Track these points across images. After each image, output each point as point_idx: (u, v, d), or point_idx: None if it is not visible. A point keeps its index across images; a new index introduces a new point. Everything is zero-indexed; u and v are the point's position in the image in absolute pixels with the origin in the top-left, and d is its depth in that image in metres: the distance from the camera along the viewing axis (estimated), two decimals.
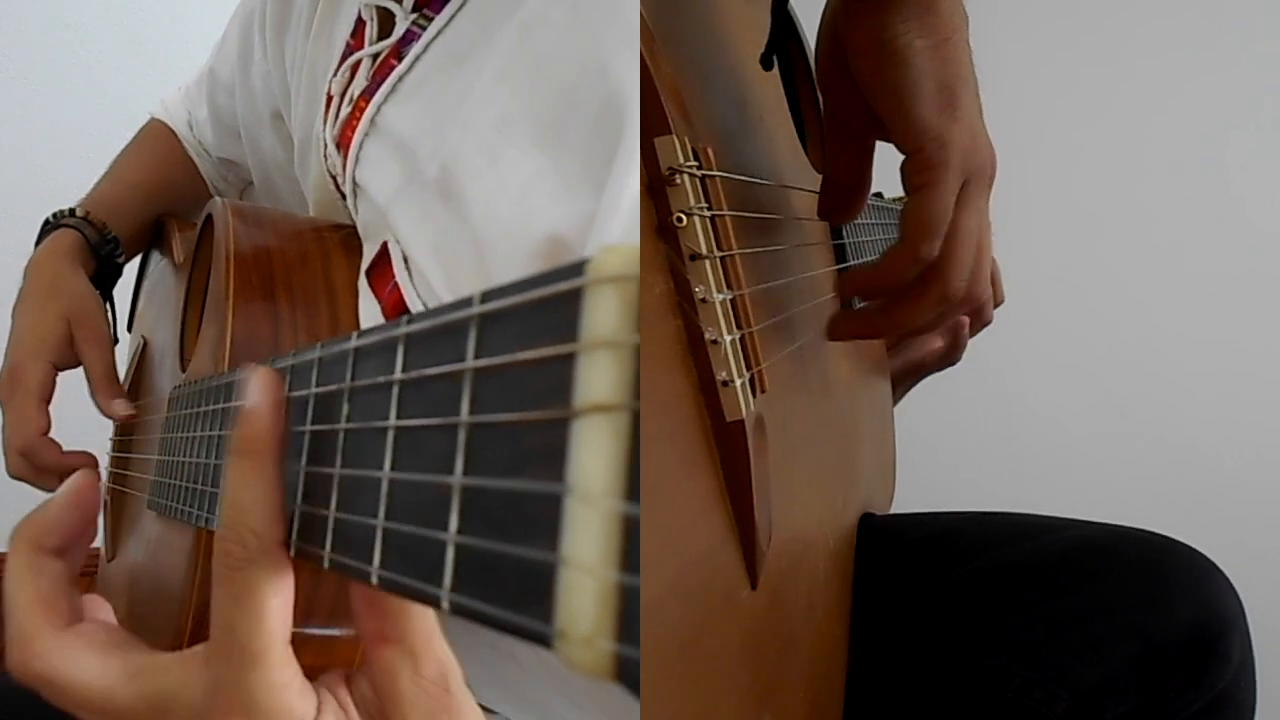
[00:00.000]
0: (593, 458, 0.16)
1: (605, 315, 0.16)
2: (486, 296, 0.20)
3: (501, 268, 0.46)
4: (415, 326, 0.23)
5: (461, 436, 0.20)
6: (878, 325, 0.47)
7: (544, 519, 0.16)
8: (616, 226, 0.38)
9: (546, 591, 0.16)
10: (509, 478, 0.18)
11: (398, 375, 0.23)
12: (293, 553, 0.28)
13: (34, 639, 0.31)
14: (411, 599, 0.21)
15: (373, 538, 0.23)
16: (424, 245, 0.51)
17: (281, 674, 0.28)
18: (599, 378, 0.16)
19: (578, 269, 0.17)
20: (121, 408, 0.69)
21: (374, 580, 0.23)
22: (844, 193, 0.48)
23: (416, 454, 0.22)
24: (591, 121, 0.42)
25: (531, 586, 0.17)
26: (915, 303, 0.44)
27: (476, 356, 0.20)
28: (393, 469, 0.23)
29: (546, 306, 0.18)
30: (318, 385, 0.28)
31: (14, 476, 0.69)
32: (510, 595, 0.17)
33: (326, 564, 0.26)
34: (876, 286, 0.46)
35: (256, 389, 0.29)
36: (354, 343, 0.26)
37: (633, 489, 0.15)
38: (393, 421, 0.23)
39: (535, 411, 0.17)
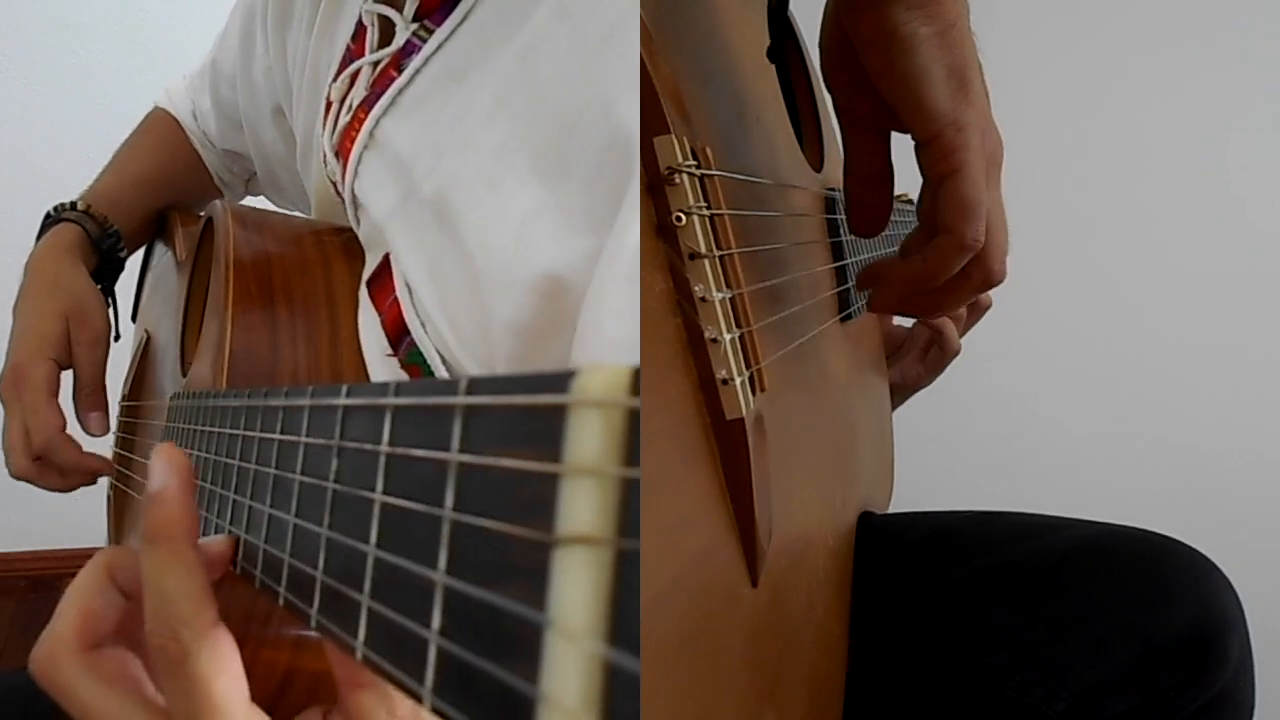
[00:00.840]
0: (574, 592, 0.15)
1: (589, 441, 0.15)
2: (472, 387, 0.19)
3: (499, 300, 0.46)
4: (402, 400, 0.22)
5: (445, 530, 0.19)
6: (918, 304, 0.46)
7: (525, 645, 0.16)
8: (621, 269, 0.38)
9: None
10: (491, 588, 0.17)
11: (384, 447, 0.22)
12: (281, 602, 0.28)
13: (60, 646, 0.32)
14: (396, 687, 0.21)
15: (358, 612, 0.22)
16: (420, 267, 0.50)
17: None
18: (583, 507, 0.15)
19: (562, 382, 0.16)
20: (96, 424, 0.70)
21: (358, 655, 0.22)
22: (868, 184, 0.47)
23: (401, 536, 0.21)
24: (595, 158, 0.41)
25: (510, 715, 0.16)
26: (959, 287, 0.44)
27: (461, 449, 0.19)
28: (378, 545, 0.22)
29: (530, 415, 0.17)
30: (309, 434, 0.28)
31: (16, 476, 0.68)
32: (488, 716, 0.17)
33: (314, 624, 0.25)
34: (921, 280, 0.44)
35: (162, 469, 0.29)
36: (342, 400, 0.26)
37: (616, 632, 0.14)
38: (379, 495, 0.22)
39: (518, 527, 0.16)
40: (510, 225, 0.45)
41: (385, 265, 0.54)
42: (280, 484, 0.30)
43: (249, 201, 0.84)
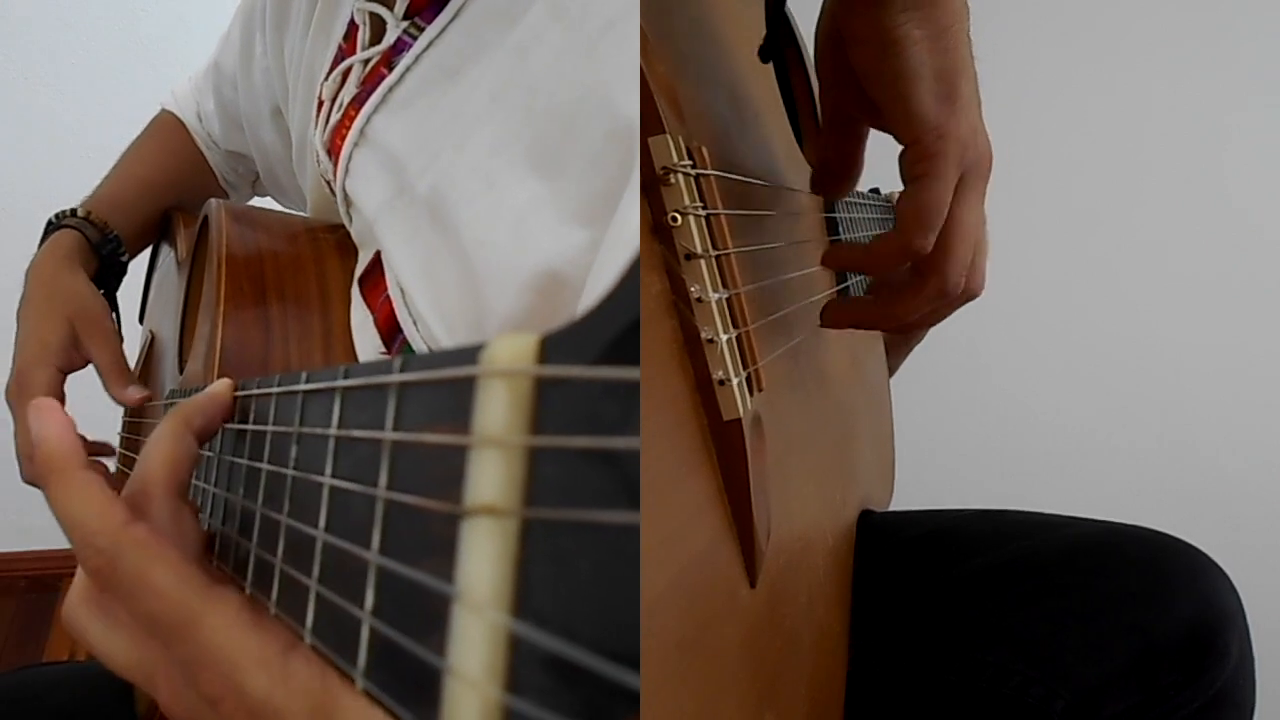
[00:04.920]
0: (480, 563, 0.15)
1: (495, 411, 0.15)
2: (405, 365, 0.19)
3: (495, 298, 0.45)
4: (350, 381, 0.22)
5: (379, 510, 0.19)
6: (873, 316, 0.47)
7: (438, 619, 0.16)
8: (622, 258, 0.38)
9: (436, 699, 0.15)
10: (414, 564, 0.17)
11: (334, 430, 0.23)
12: (247, 592, 0.28)
13: (153, 484, 0.31)
14: (336, 670, 0.21)
15: (307, 598, 0.22)
16: (412, 265, 0.50)
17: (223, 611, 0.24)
18: (488, 478, 0.15)
19: (472, 355, 0.16)
20: (135, 393, 0.69)
21: (307, 641, 0.22)
22: (834, 177, 0.48)
23: (344, 517, 0.21)
24: (593, 149, 0.41)
25: (425, 689, 0.16)
26: (912, 296, 0.44)
27: (395, 427, 0.19)
28: (326, 529, 0.22)
29: (448, 390, 0.17)
30: (275, 423, 0.28)
31: (28, 482, 0.68)
32: (408, 693, 0.17)
33: (273, 612, 0.25)
34: (859, 266, 0.46)
35: (35, 422, 0.30)
36: (302, 385, 0.26)
37: (519, 603, 0.14)
38: (328, 478, 0.22)
39: (434, 500, 0.17)
40: (506, 221, 0.45)
41: (376, 262, 0.54)
42: (250, 473, 0.30)
43: (255, 202, 0.84)
